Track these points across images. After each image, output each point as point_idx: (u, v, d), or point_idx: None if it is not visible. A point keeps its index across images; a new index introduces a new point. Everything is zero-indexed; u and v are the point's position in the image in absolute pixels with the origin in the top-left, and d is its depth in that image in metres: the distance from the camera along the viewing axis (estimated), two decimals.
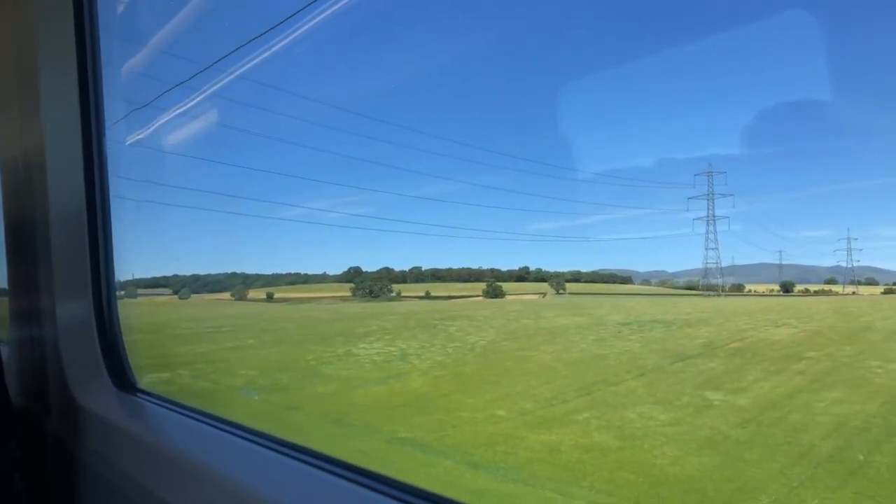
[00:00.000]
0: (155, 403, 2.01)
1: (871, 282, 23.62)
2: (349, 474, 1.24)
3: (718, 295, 22.62)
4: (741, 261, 25.82)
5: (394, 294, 26.23)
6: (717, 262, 22.40)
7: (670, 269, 28.62)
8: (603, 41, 24.31)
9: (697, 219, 21.52)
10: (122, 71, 3.14)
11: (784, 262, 24.66)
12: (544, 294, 27.40)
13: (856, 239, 21.85)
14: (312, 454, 1.37)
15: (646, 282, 28.73)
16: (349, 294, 26.24)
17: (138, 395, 2.12)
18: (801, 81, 16.88)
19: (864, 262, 23.84)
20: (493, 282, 26.68)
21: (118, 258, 2.31)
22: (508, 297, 26.44)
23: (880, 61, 18.05)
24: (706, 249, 22.04)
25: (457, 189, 31.07)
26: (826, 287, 24.66)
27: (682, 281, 27.26)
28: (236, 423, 1.67)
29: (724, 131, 21.21)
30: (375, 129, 29.44)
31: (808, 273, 25.25)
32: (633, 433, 8.37)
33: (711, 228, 21.53)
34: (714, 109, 20.63)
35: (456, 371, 13.88)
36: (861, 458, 7.49)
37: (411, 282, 28.17)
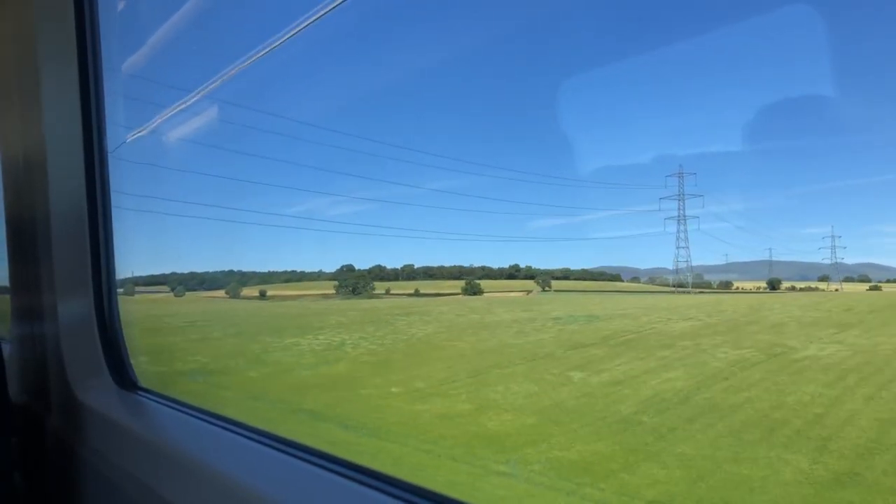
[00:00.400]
0: (156, 401, 2.01)
1: (864, 279, 23.35)
2: (348, 472, 1.24)
3: (687, 292, 23.37)
4: (743, 258, 25.81)
5: (377, 291, 26.79)
6: (687, 261, 23.24)
7: (671, 266, 28.82)
8: (601, 40, 24.11)
9: (669, 218, 22.30)
10: (122, 69, 3.15)
11: (786, 259, 24.57)
12: (529, 291, 27.79)
13: (839, 237, 22.08)
14: (313, 452, 1.37)
15: (635, 279, 28.93)
16: (333, 291, 26.60)
17: (139, 392, 2.12)
18: (802, 77, 16.65)
19: (864, 259, 23.57)
20: (472, 280, 27.15)
21: (118, 256, 2.31)
22: (491, 295, 26.92)
23: (881, 56, 17.89)
24: (677, 248, 22.83)
25: (453, 187, 30.89)
26: (813, 284, 24.38)
27: (671, 279, 27.22)
28: (237, 421, 1.68)
29: (724, 128, 21.16)
30: (374, 127, 29.77)
31: (810, 270, 24.56)
32: (489, 404, 9.79)
33: (682, 228, 22.24)
34: (714, 106, 20.32)
35: (381, 358, 15.50)
36: (645, 419, 9.22)
37: (404, 279, 28.66)
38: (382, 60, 25.59)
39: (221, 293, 26.66)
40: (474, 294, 25.97)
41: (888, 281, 22.88)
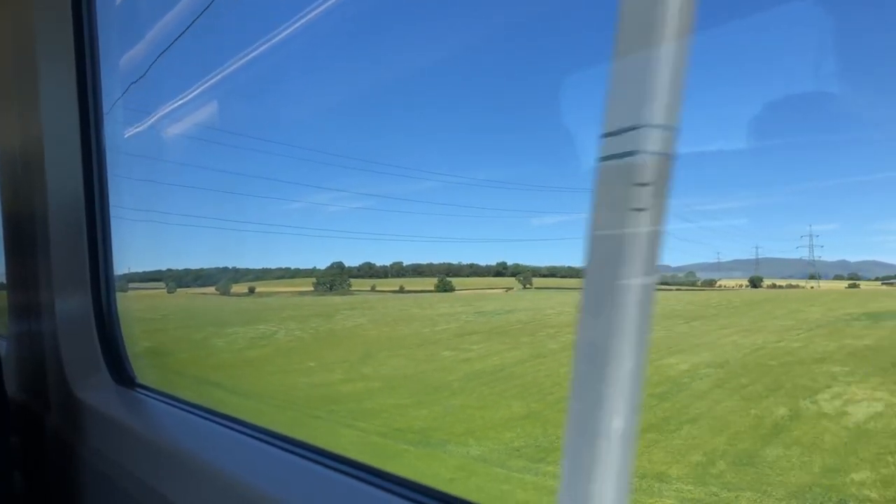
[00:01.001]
0: (154, 399, 2.01)
1: (854, 277, 23.15)
2: (348, 469, 1.24)
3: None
4: (747, 256, 24.80)
5: (357, 288, 26.80)
6: None
7: (673, 264, 28.32)
8: (601, 35, 24.13)
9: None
10: (120, 64, 3.08)
11: (789, 257, 24.11)
12: (509, 289, 27.76)
13: (817, 236, 21.88)
14: (312, 449, 1.38)
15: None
16: (311, 288, 26.75)
17: (138, 390, 2.12)
18: (807, 72, 16.62)
19: (868, 257, 23.10)
20: (444, 277, 27.11)
21: (116, 252, 2.30)
22: (469, 292, 27.09)
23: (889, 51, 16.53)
24: None
25: (446, 185, 29.52)
26: (796, 282, 24.25)
27: (681, 275, 26.68)
28: (236, 418, 1.68)
29: (726, 124, 21.17)
30: (372, 125, 28.52)
31: (811, 266, 23.78)
32: (356, 376, 11.15)
33: None
34: (717, 102, 20.67)
35: (300, 344, 16.95)
36: (455, 384, 10.86)
37: (393, 276, 28.33)
38: (381, 58, 24.82)
39: (213, 289, 26.99)
40: (445, 291, 26.26)
41: (884, 279, 22.52)
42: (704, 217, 25.15)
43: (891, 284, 21.63)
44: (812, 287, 23.49)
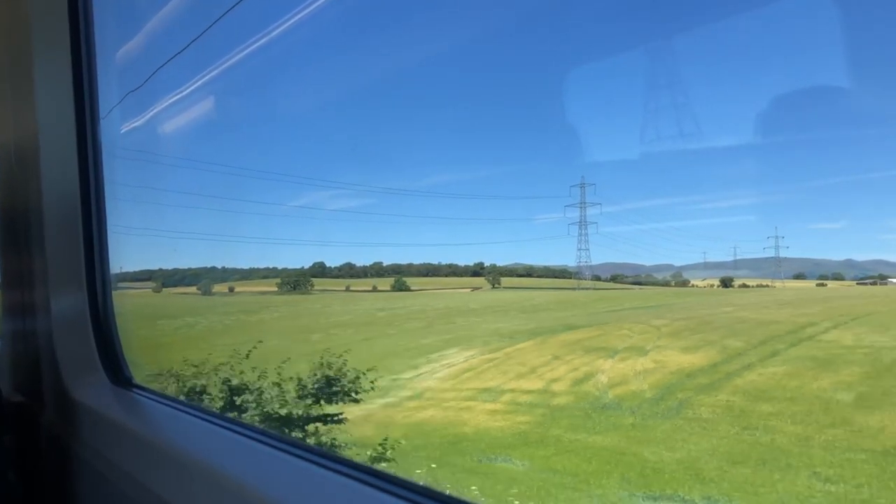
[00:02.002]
0: (151, 398, 1.99)
1: (838, 277, 23.19)
2: (345, 469, 1.24)
3: (585, 288, 26.02)
4: (752, 254, 24.72)
5: (333, 288, 28.38)
6: (587, 261, 25.27)
7: (677, 263, 28.02)
8: (602, 30, 22.79)
9: (572, 223, 23.98)
10: (117, 57, 3.06)
11: (794, 256, 24.23)
12: (477, 288, 28.56)
13: (783, 237, 22.59)
14: (308, 449, 1.37)
15: (596, 277, 29.18)
16: (275, 288, 27.96)
17: (134, 390, 2.10)
18: (814, 67, 16.05)
19: (876, 256, 22.85)
20: (399, 277, 28.32)
21: (112, 249, 2.27)
22: (435, 291, 28.38)
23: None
24: (578, 250, 24.64)
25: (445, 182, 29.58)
26: (766, 282, 24.50)
27: (660, 277, 27.80)
28: (232, 418, 1.61)
29: (732, 120, 20.31)
30: (372, 121, 28.61)
31: (817, 266, 24.05)
32: (243, 352, 11.69)
33: (583, 232, 24.06)
34: (723, 97, 19.26)
35: (210, 332, 19.26)
36: (295, 355, 12.58)
37: (372, 276, 29.48)
38: (379, 52, 24.35)
39: (194, 289, 28.03)
40: (401, 290, 27.54)
41: (860, 279, 22.61)
42: (710, 214, 25.62)
43: (863, 284, 22.37)
44: (781, 285, 23.97)
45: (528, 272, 29.67)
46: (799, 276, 24.53)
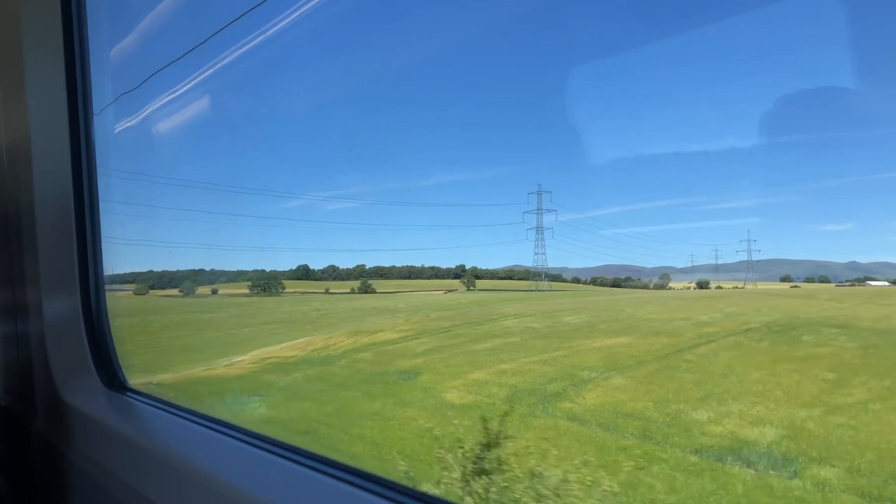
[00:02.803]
0: (145, 403, 1.95)
1: (824, 279, 23.02)
2: (338, 473, 1.23)
3: (539, 290, 26.94)
4: (756, 256, 24.19)
5: (308, 290, 29.16)
6: (543, 264, 26.31)
7: (678, 266, 27.55)
8: (605, 28, 21.90)
9: (530, 228, 24.72)
10: (111, 55, 3.01)
11: (799, 258, 24.25)
12: (451, 290, 29.02)
13: (755, 241, 22.78)
14: (303, 453, 1.37)
15: (576, 279, 29.53)
16: (247, 291, 28.95)
17: (128, 394, 2.06)
18: (821, 67, 15.63)
19: (880, 258, 22.28)
20: (364, 280, 29.19)
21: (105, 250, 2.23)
22: (407, 293, 28.89)
23: None
24: (535, 254, 25.65)
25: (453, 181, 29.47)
26: (741, 284, 24.39)
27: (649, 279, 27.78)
28: (228, 422, 1.65)
29: (737, 120, 19.48)
30: (370, 120, 28.06)
31: (819, 268, 23.75)
32: (159, 342, 13.11)
33: (540, 237, 24.87)
34: (726, 96, 18.80)
35: (157, 328, 20.18)
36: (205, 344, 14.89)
37: (355, 278, 30.00)
38: (377, 51, 23.98)
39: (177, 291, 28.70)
40: (365, 293, 28.52)
41: (841, 282, 22.41)
42: (710, 216, 25.42)
43: (842, 286, 22.04)
44: (743, 286, 23.97)
45: (509, 275, 30.11)
46: (785, 279, 24.52)
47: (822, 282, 23.36)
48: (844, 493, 6.01)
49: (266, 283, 28.06)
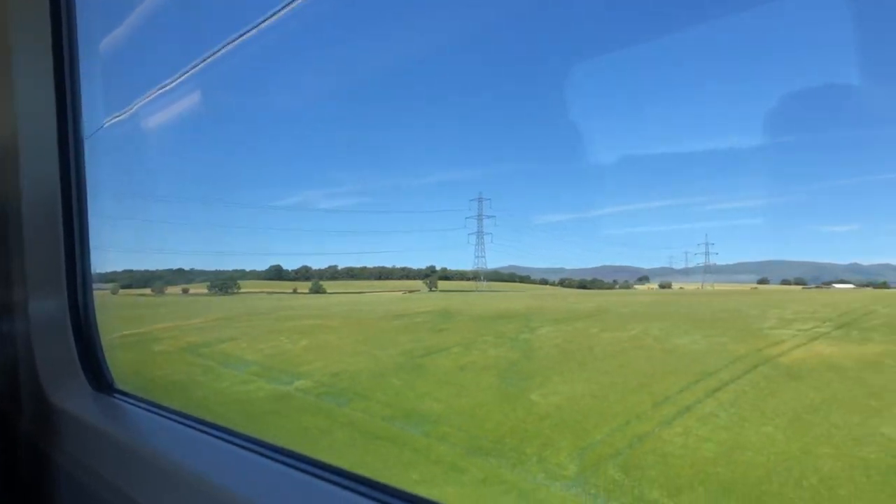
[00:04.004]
0: (134, 405, 1.93)
1: (800, 281, 22.81)
2: (326, 475, 1.23)
3: (479, 290, 28.19)
4: (757, 258, 24.34)
5: (240, 290, 30.11)
6: (483, 266, 27.83)
7: (677, 266, 27.62)
8: (602, 26, 22.64)
9: (471, 233, 26.24)
10: (100, 50, 3.00)
11: (798, 260, 23.96)
12: (412, 291, 29.50)
13: (713, 244, 23.06)
14: (291, 455, 1.36)
15: (544, 280, 29.88)
16: (205, 290, 29.76)
17: (116, 396, 2.03)
18: (825, 65, 15.57)
19: (882, 260, 21.96)
20: (316, 281, 29.87)
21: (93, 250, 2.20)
22: (368, 294, 29.69)
23: None
24: (475, 257, 27.04)
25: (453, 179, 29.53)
26: (706, 285, 24.48)
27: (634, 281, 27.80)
28: (216, 424, 1.63)
29: (740, 119, 19.73)
30: (367, 117, 28.60)
31: (821, 270, 23.21)
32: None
33: (480, 241, 26.38)
34: (729, 95, 18.76)
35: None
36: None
37: (327, 279, 30.41)
38: (375, 47, 24.07)
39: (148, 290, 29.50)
40: (317, 293, 29.30)
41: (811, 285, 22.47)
42: (713, 217, 25.35)
43: (808, 289, 22.02)
44: (699, 288, 24.33)
45: (475, 276, 30.61)
46: (762, 281, 24.44)
47: (797, 283, 23.19)
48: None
49: (222, 283, 29.17)
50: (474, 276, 28.41)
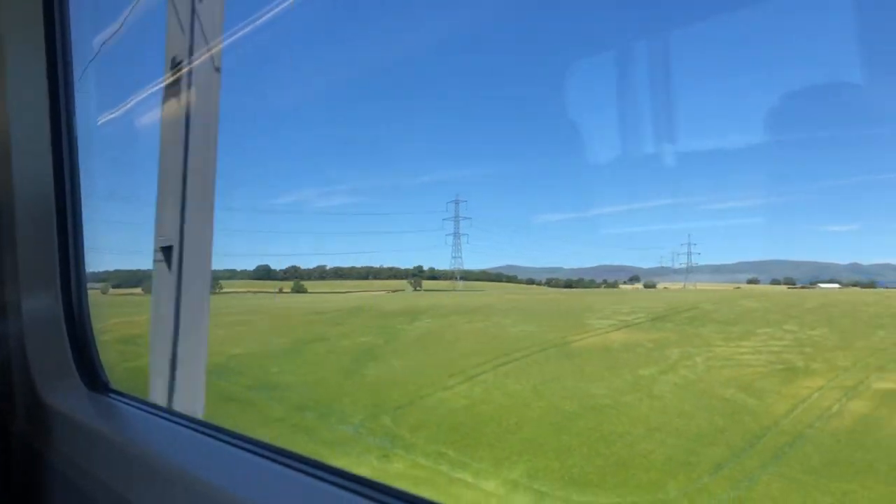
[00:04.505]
0: (129, 404, 1.90)
1: (786, 281, 22.39)
2: (321, 473, 1.22)
3: (455, 290, 28.16)
4: (757, 257, 23.96)
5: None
6: (460, 266, 27.81)
7: (675, 266, 26.99)
8: (604, 25, 21.95)
9: (448, 234, 26.12)
10: (94, 43, 2.92)
11: (802, 259, 23.46)
12: (396, 290, 28.86)
13: (695, 244, 22.70)
14: (287, 455, 1.34)
15: (531, 280, 29.42)
16: None
17: (111, 395, 2.00)
18: (829, 62, 14.94)
19: (882, 260, 21.77)
20: (297, 281, 29.36)
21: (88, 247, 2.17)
22: (352, 293, 28.80)
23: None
24: (452, 257, 27.09)
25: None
26: (675, 283, 24.44)
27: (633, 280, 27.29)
28: (212, 423, 1.62)
29: (741, 117, 19.13)
30: (366, 115, 27.62)
31: (822, 270, 22.65)
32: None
33: (457, 242, 26.32)
34: (730, 93, 17.97)
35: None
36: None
37: (316, 279, 29.88)
38: (373, 43, 23.52)
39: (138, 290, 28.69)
40: (298, 292, 28.96)
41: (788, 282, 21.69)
42: (714, 216, 25.02)
43: (792, 287, 21.58)
44: (683, 287, 24.22)
45: (465, 276, 30.41)
46: (752, 281, 23.38)
47: (786, 283, 22.43)
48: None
49: None
50: (451, 277, 28.40)
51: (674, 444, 10.29)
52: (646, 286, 25.29)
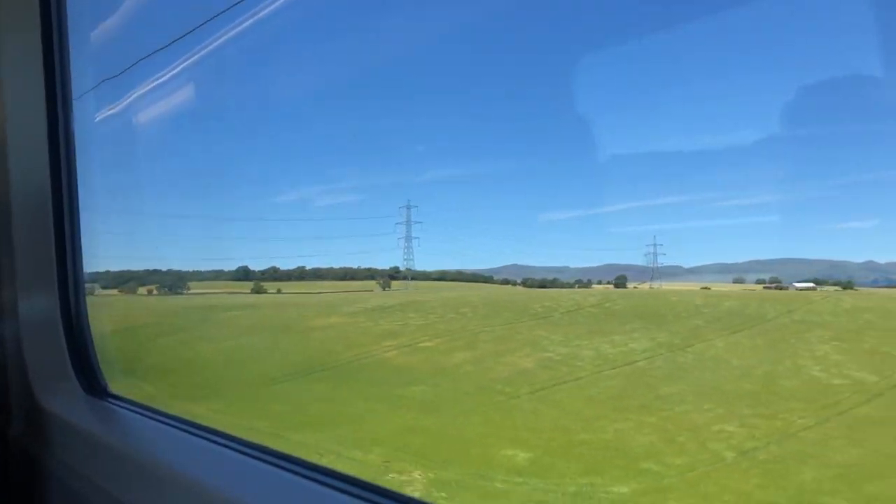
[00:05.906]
0: (128, 409, 1.89)
1: (775, 280, 21.99)
2: (320, 477, 1.22)
3: (406, 289, 28.90)
4: (768, 255, 23.24)
5: (190, 291, 30.45)
6: (412, 267, 28.55)
7: (686, 265, 26.18)
8: (610, 21, 22.00)
9: (400, 237, 26.85)
10: (91, 38, 2.97)
11: (815, 258, 22.76)
12: (368, 290, 29.26)
13: (661, 245, 22.65)
14: (285, 458, 1.34)
15: (506, 280, 29.14)
16: (155, 290, 29.93)
17: (109, 399, 1.97)
18: (844, 57, 14.80)
19: (893, 258, 20.79)
20: (258, 282, 29.96)
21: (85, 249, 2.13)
22: (323, 294, 29.24)
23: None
24: (404, 260, 27.91)
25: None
26: (659, 284, 23.71)
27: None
28: (210, 427, 1.60)
29: (755, 113, 18.80)
30: (365, 113, 27.41)
31: (835, 269, 22.20)
32: None
33: (409, 245, 27.15)
34: (742, 90, 17.44)
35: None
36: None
37: (295, 279, 30.41)
38: (372, 40, 23.42)
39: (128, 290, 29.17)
40: (258, 293, 29.73)
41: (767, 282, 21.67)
42: (725, 214, 23.93)
43: (769, 288, 21.31)
44: (649, 286, 23.58)
45: (442, 276, 30.22)
46: (738, 280, 23.27)
47: (773, 282, 21.97)
48: None
49: (171, 283, 29.70)
50: (404, 277, 28.84)
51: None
52: (616, 286, 24.89)
